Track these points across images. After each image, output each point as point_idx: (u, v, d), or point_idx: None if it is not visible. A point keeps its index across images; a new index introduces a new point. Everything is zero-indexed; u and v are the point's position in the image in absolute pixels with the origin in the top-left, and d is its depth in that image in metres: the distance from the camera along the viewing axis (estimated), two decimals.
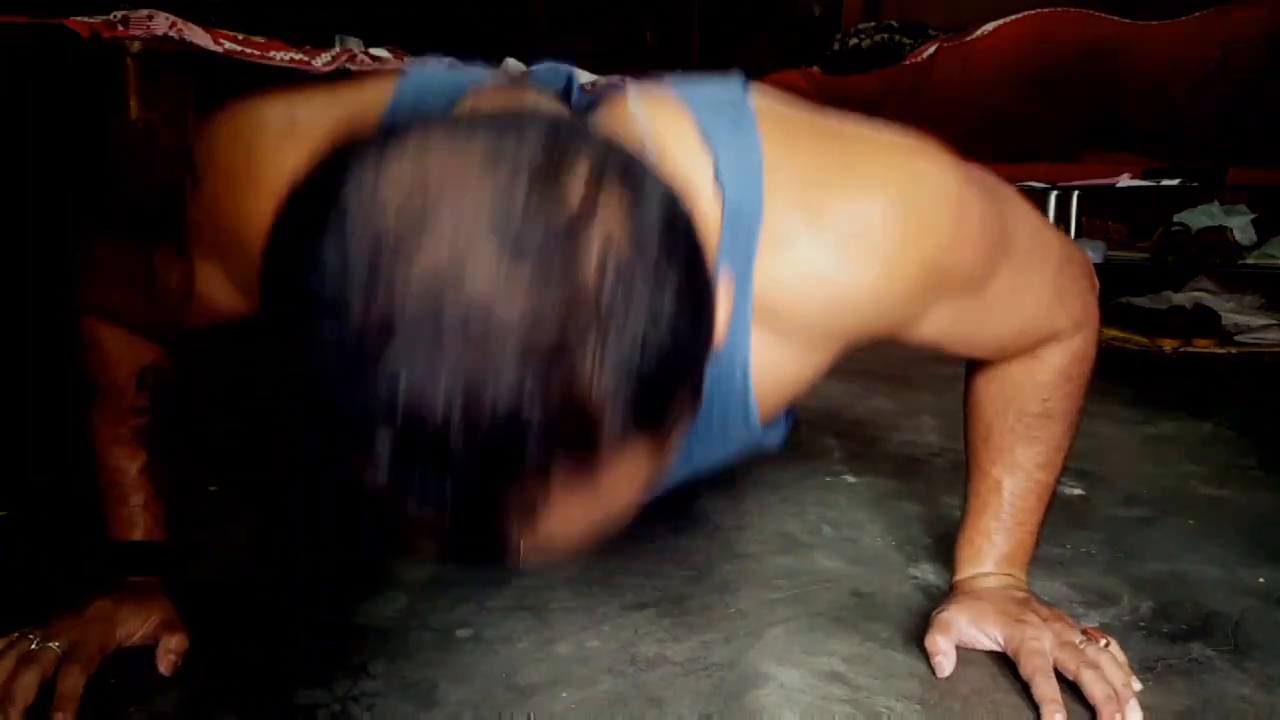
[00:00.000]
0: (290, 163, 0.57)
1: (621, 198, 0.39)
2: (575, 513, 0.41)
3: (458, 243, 0.36)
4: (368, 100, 0.62)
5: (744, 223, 0.59)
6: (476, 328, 0.36)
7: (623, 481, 0.42)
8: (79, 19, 1.62)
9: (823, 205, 0.60)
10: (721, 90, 0.64)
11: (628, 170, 0.41)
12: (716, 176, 0.59)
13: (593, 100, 0.65)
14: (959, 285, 0.66)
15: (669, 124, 0.60)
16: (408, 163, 0.38)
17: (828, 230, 0.60)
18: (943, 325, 0.69)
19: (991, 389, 0.80)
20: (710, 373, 0.65)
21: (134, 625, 0.74)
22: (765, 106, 0.63)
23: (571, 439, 0.37)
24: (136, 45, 1.61)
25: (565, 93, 0.66)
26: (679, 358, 0.40)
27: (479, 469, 0.37)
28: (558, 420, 0.37)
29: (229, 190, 0.61)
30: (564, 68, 0.67)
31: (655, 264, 0.39)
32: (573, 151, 0.39)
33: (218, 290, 0.67)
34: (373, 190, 0.38)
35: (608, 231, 0.38)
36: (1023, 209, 0.72)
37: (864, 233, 0.60)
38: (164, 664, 0.73)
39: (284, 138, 0.60)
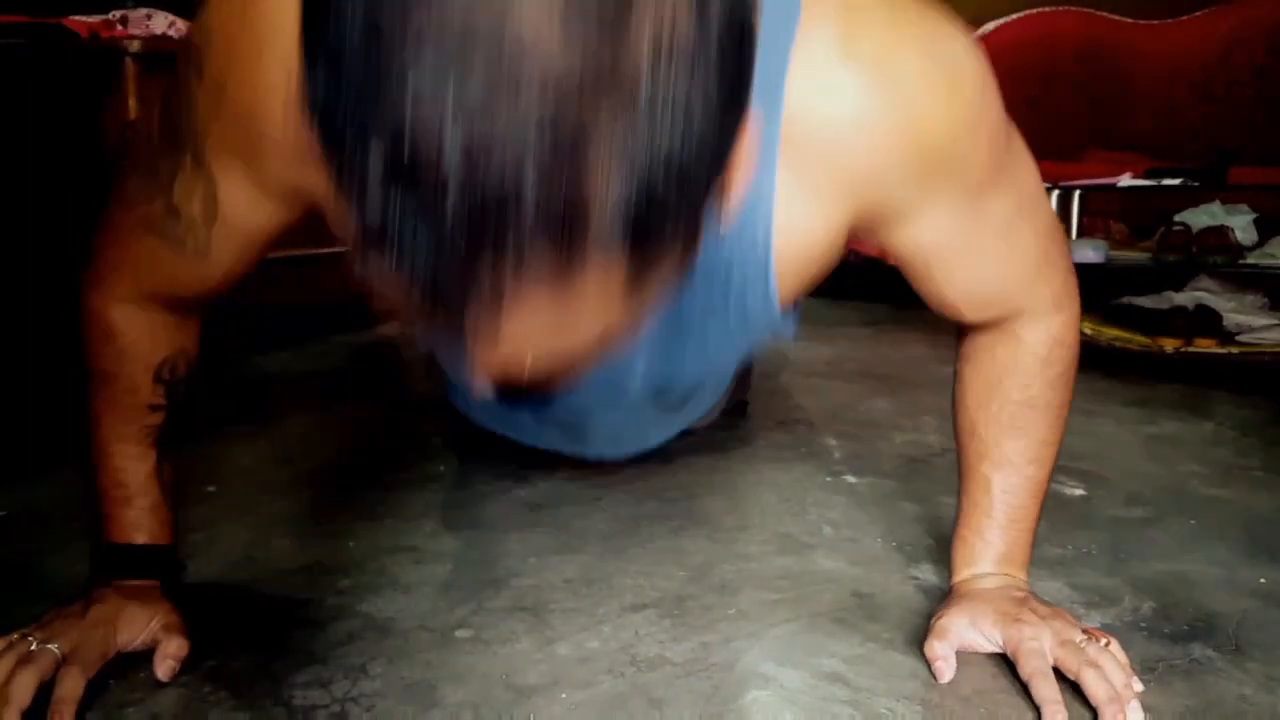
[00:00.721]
0: (288, 11, 0.57)
1: None
2: (538, 317, 0.38)
3: None
4: None
5: (779, 41, 0.58)
6: (506, 70, 0.33)
7: (592, 301, 0.39)
8: (78, 18, 1.62)
9: (858, 38, 0.60)
10: None
11: None
12: None
13: None
14: (965, 178, 0.66)
15: None
16: None
17: (860, 63, 0.60)
18: (938, 229, 0.68)
19: (974, 379, 0.80)
20: (733, 232, 0.64)
21: (135, 630, 0.74)
22: None
23: (557, 221, 0.35)
24: (135, 44, 1.61)
25: None
26: (691, 180, 0.38)
27: (458, 212, 0.34)
28: (551, 194, 0.34)
29: (234, 60, 0.60)
30: None
31: (706, 66, 0.36)
32: None
33: (243, 201, 0.66)
34: None
35: (672, 12, 0.35)
36: (1031, 159, 0.73)
37: (895, 76, 0.60)
38: (162, 669, 0.72)
39: None
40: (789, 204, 0.64)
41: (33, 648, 0.69)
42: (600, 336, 0.43)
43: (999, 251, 0.72)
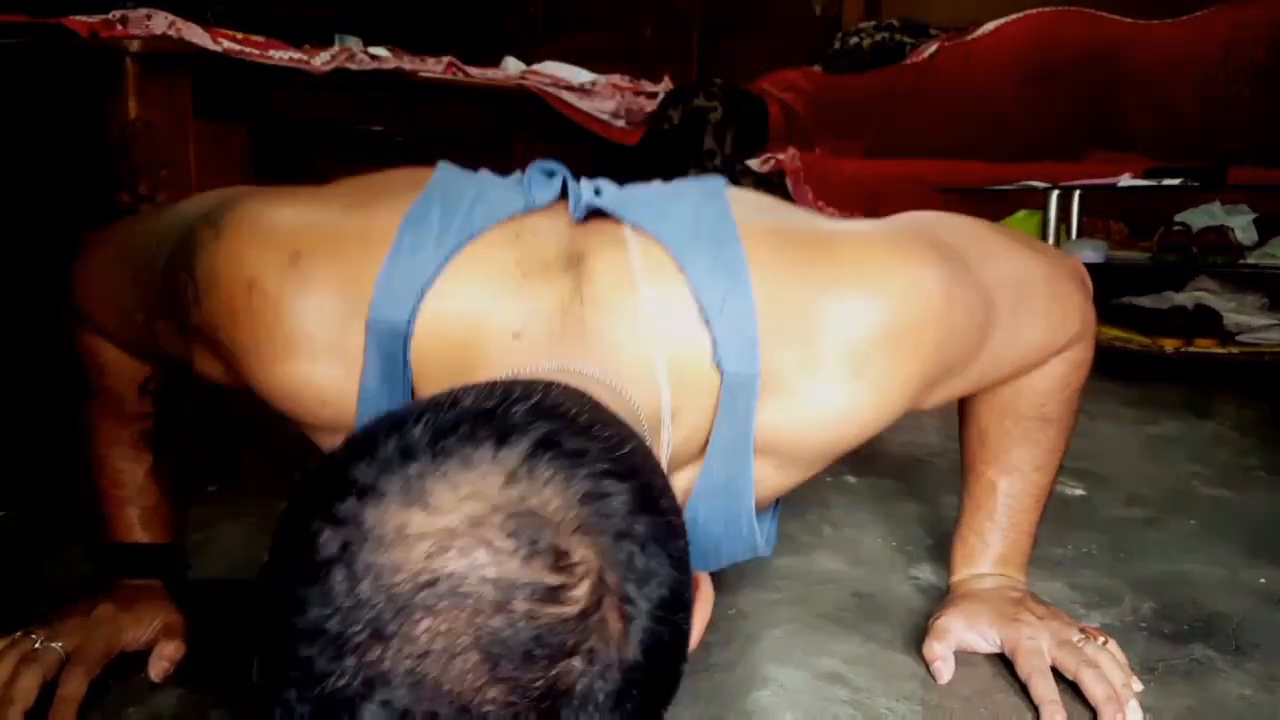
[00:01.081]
0: (288, 309, 0.59)
1: (617, 621, 0.39)
2: None
3: (439, 645, 0.36)
4: (376, 232, 0.61)
5: (742, 393, 0.61)
6: None
7: None
8: (78, 18, 1.62)
9: (815, 341, 0.61)
10: (704, 208, 0.64)
11: (628, 577, 0.40)
12: (715, 354, 0.60)
13: (591, 208, 0.65)
14: (954, 371, 0.68)
15: (664, 287, 0.60)
16: (394, 541, 0.37)
17: (822, 369, 0.61)
18: (946, 395, 0.71)
19: (989, 397, 0.80)
20: (715, 513, 0.66)
21: (139, 630, 0.74)
22: (746, 220, 0.64)
23: None
24: (135, 44, 1.61)
25: (563, 190, 0.66)
26: None
27: None
28: None
29: (228, 322, 0.61)
30: (558, 169, 0.67)
31: (628, 701, 0.39)
32: (575, 552, 0.38)
33: (213, 370, 0.67)
34: (364, 558, 0.37)
35: (593, 667, 0.38)
36: (1000, 256, 0.72)
37: (859, 362, 0.61)
38: (155, 670, 0.72)
39: (285, 277, 0.60)
40: (766, 480, 0.66)
41: (36, 646, 0.69)
42: None
43: (1011, 357, 0.73)
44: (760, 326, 0.60)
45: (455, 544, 0.37)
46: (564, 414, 0.43)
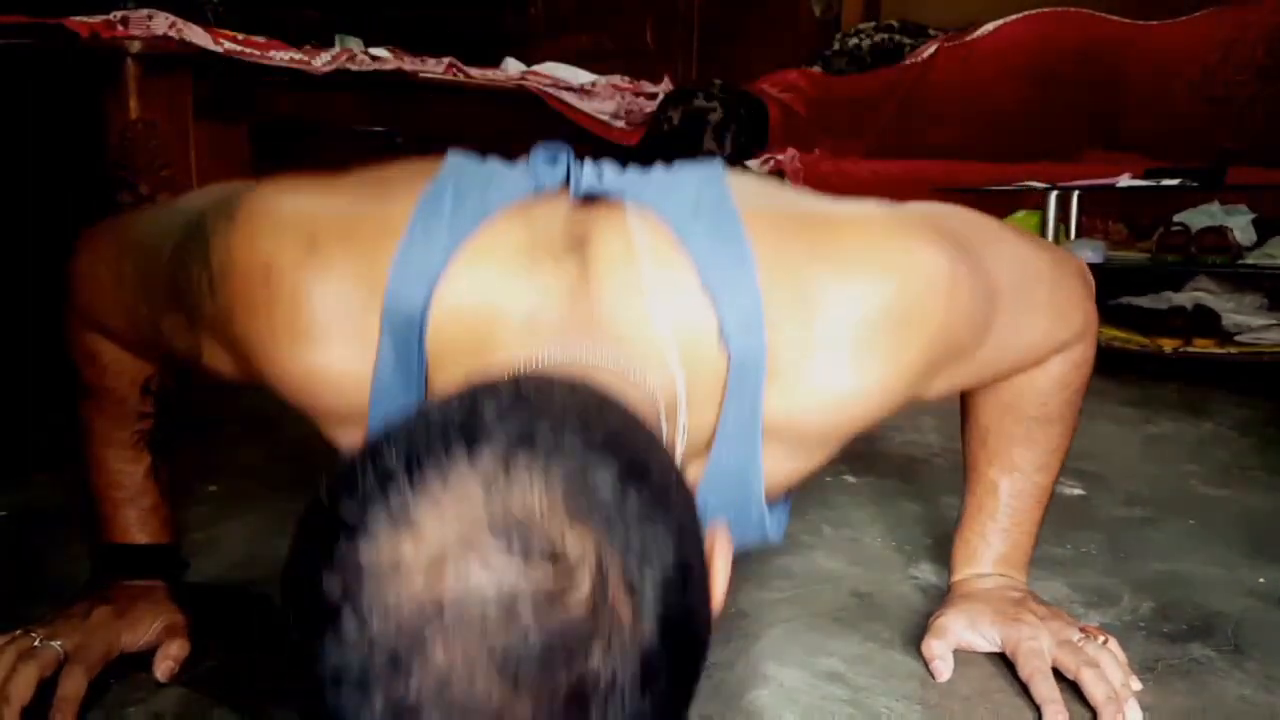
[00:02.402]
0: (305, 295, 0.59)
1: (625, 606, 0.38)
2: None
3: (459, 670, 0.35)
4: (392, 217, 0.61)
5: (749, 371, 0.60)
6: None
7: None
8: (79, 19, 1.62)
9: (819, 320, 0.61)
10: (704, 190, 0.64)
11: (628, 559, 0.39)
12: (721, 332, 0.60)
13: (592, 192, 0.65)
14: (958, 356, 0.67)
15: (668, 266, 0.60)
16: (390, 575, 0.37)
17: (827, 349, 0.61)
18: (949, 384, 0.71)
19: (990, 396, 0.80)
20: (725, 501, 0.66)
21: (139, 632, 0.74)
22: (746, 201, 0.64)
23: None
24: (136, 45, 1.61)
25: (567, 173, 0.66)
26: None
27: None
28: None
29: (244, 309, 0.61)
30: (562, 152, 0.67)
31: (654, 681, 0.39)
32: (569, 547, 0.38)
33: (224, 365, 0.67)
34: (372, 586, 0.37)
35: (612, 657, 0.37)
36: (1005, 246, 0.72)
37: (863, 341, 0.61)
38: (161, 670, 0.72)
39: (302, 262, 0.59)
40: (775, 464, 0.66)
41: (35, 644, 0.69)
42: None
43: (1013, 349, 0.73)
44: (765, 304, 0.60)
45: (450, 568, 0.36)
46: (536, 404, 0.42)
